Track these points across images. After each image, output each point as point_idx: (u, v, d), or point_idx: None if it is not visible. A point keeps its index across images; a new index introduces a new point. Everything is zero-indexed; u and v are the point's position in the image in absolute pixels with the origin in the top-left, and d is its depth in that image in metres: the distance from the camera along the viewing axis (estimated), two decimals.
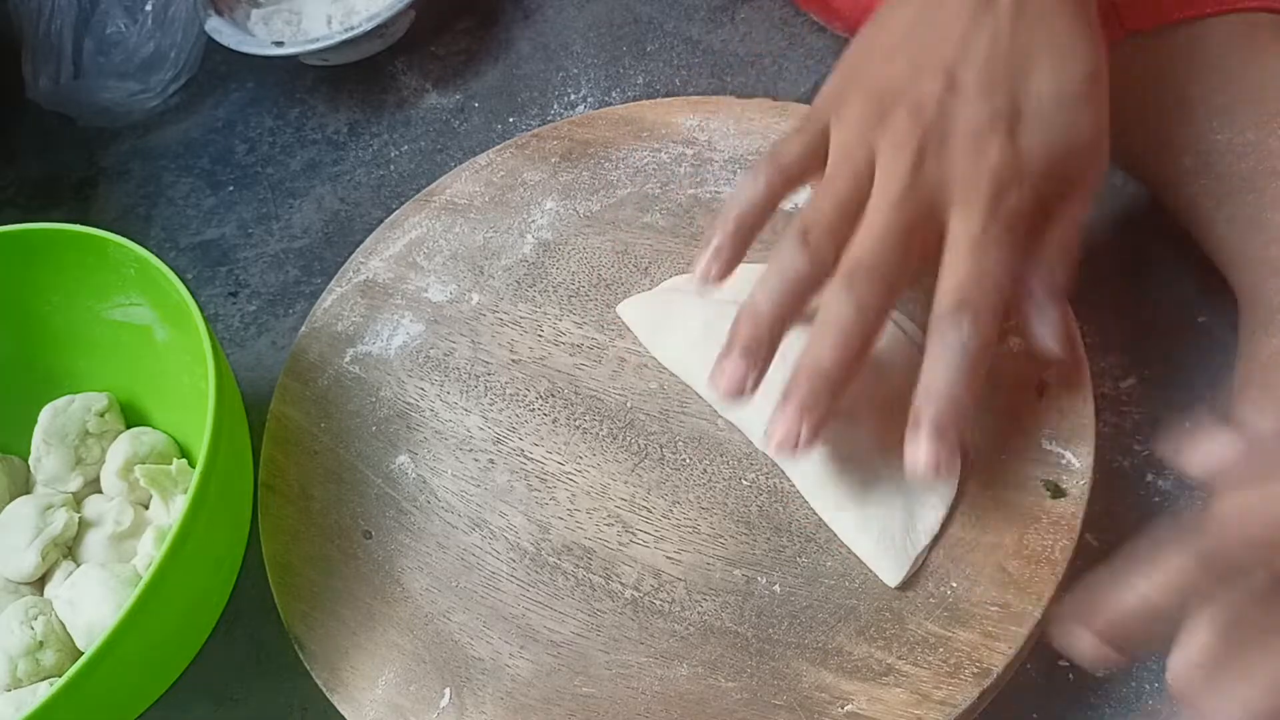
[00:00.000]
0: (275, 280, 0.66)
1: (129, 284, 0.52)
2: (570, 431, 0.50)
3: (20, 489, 0.55)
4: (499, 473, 0.50)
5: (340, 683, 0.46)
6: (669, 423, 0.49)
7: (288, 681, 0.50)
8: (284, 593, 0.48)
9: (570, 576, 0.47)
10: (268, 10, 0.72)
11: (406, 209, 0.60)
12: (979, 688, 0.40)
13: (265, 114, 0.74)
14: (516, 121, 0.69)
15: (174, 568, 0.42)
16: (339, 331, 0.56)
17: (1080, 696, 0.46)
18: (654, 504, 0.47)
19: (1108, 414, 0.51)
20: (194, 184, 0.71)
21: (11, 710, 0.47)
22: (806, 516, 0.46)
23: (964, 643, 0.41)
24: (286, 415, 0.53)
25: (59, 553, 0.52)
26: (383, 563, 0.49)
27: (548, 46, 0.72)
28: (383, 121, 0.71)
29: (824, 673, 0.42)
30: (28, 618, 0.48)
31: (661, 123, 0.59)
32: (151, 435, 0.54)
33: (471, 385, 0.53)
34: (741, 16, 0.70)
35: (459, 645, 0.46)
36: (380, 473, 0.51)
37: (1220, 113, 0.49)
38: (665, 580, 0.46)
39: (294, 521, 0.50)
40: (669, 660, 0.44)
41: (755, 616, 0.44)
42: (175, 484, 0.52)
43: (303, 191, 0.69)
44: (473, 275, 0.56)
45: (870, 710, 0.41)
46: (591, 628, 0.45)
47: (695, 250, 0.54)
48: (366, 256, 0.58)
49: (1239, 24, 0.50)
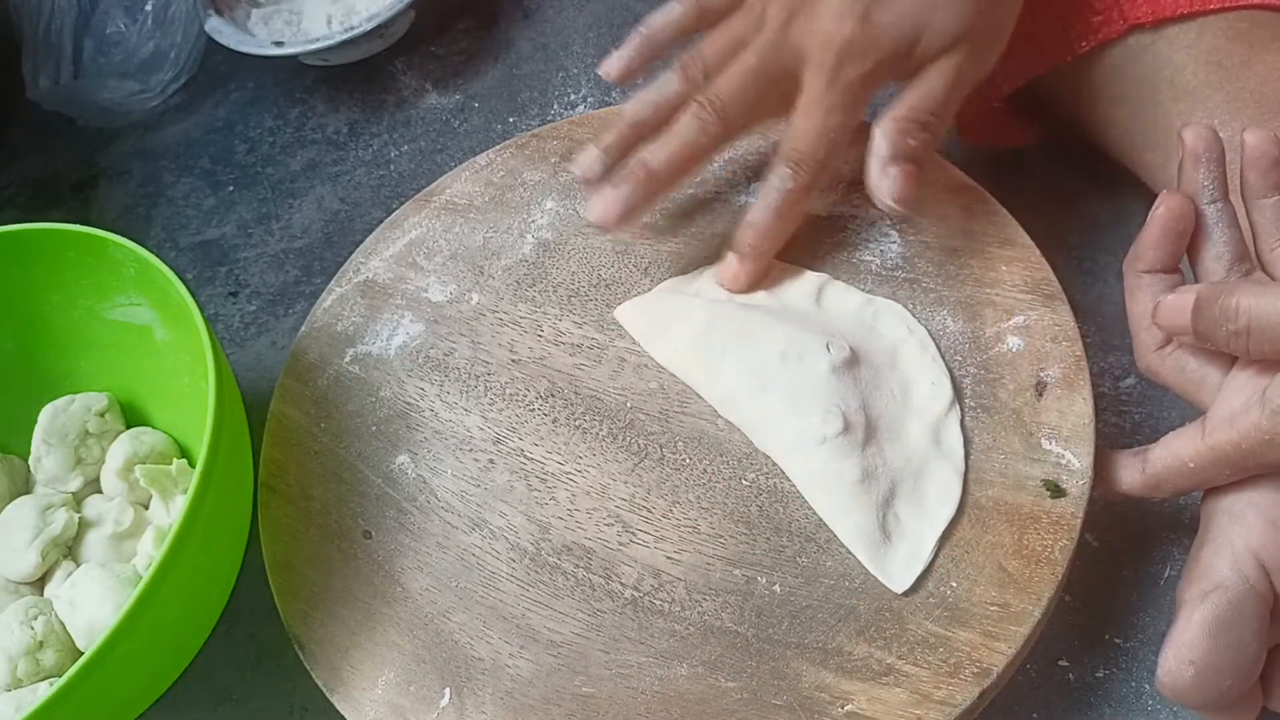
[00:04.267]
0: (275, 280, 0.66)
1: (129, 284, 0.52)
2: (570, 431, 0.50)
3: (20, 489, 0.55)
4: (499, 473, 0.50)
5: (340, 683, 0.46)
6: (669, 423, 0.49)
7: (288, 681, 0.50)
8: (284, 593, 0.48)
9: (570, 576, 0.46)
10: (268, 10, 0.72)
11: (406, 209, 0.60)
12: (979, 688, 0.40)
13: (265, 114, 0.74)
14: (517, 121, 0.69)
15: (174, 568, 0.42)
16: (339, 331, 0.56)
17: (1080, 696, 0.46)
18: (654, 504, 0.47)
19: (1108, 414, 0.51)
20: (194, 184, 0.71)
21: (11, 710, 0.47)
22: (806, 516, 0.46)
23: (964, 643, 0.41)
24: (286, 415, 0.53)
25: (59, 553, 0.52)
26: (383, 563, 0.49)
27: (548, 46, 0.72)
28: (383, 121, 0.71)
29: (824, 673, 0.42)
30: (28, 618, 0.48)
31: None
32: (151, 435, 0.54)
33: (471, 385, 0.53)
34: None
35: (459, 645, 0.46)
36: (380, 473, 0.51)
37: (1222, 109, 0.49)
38: (665, 580, 0.46)
39: (294, 521, 0.50)
40: (669, 660, 0.44)
41: (755, 616, 0.44)
42: (175, 484, 0.52)
43: (303, 191, 0.69)
44: (473, 275, 0.56)
45: (870, 710, 0.41)
46: (591, 628, 0.45)
47: (695, 250, 0.54)
48: (366, 256, 0.58)
49: (1241, 20, 0.50)
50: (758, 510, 0.46)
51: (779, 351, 0.47)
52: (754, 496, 0.47)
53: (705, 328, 0.49)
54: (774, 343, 0.48)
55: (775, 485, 0.47)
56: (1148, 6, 0.51)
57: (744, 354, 0.48)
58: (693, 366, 0.49)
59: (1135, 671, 0.46)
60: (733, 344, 0.49)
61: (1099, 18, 0.52)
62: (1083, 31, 0.53)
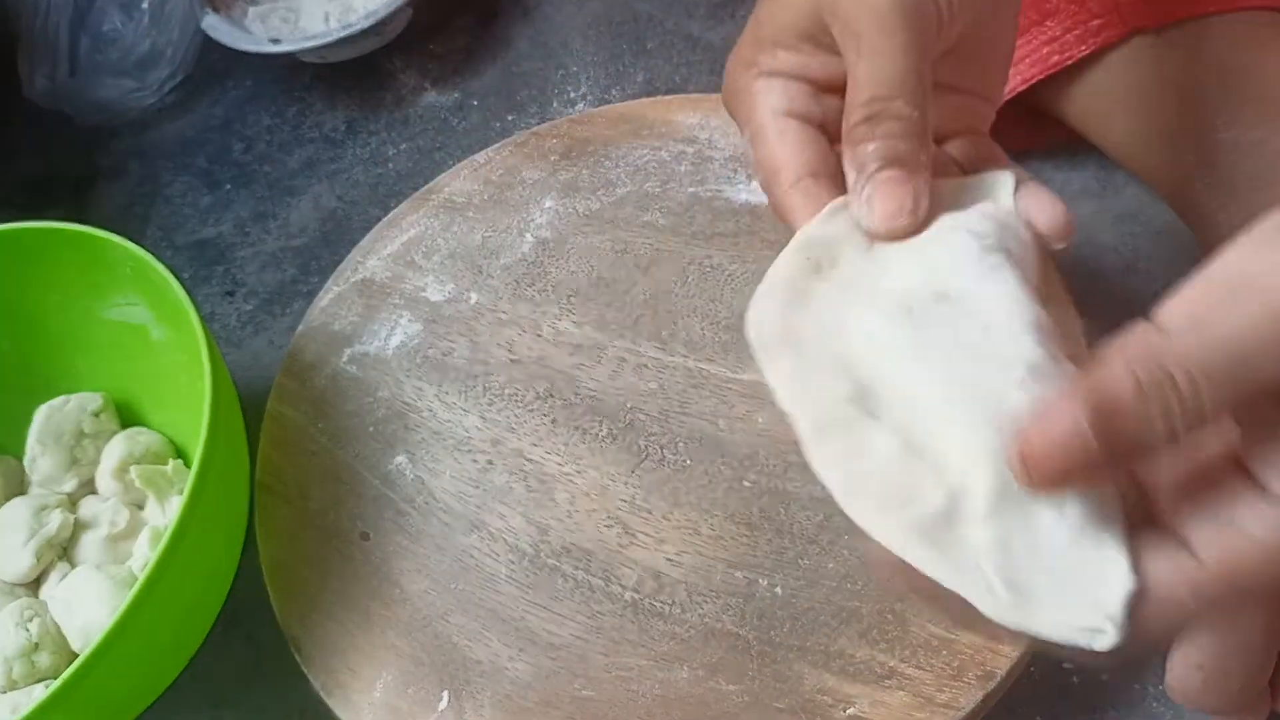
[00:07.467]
0: (272, 279, 0.65)
1: (125, 283, 0.52)
2: (569, 432, 0.50)
3: (15, 490, 0.55)
4: (497, 474, 0.49)
5: (338, 685, 0.45)
6: (669, 423, 0.49)
7: (285, 684, 0.50)
8: (281, 594, 0.48)
9: (569, 578, 0.46)
10: (265, 8, 0.72)
11: (404, 207, 0.59)
12: (982, 691, 0.40)
13: (262, 112, 0.73)
14: (515, 119, 0.69)
15: (170, 569, 0.42)
16: (336, 331, 0.56)
17: (1084, 699, 0.45)
18: (654, 505, 0.47)
19: None
20: (191, 182, 0.71)
21: (6, 713, 0.46)
22: (808, 518, 0.45)
23: (967, 645, 0.41)
24: (283, 415, 0.53)
25: (54, 554, 0.51)
26: (380, 564, 0.48)
27: (547, 44, 0.72)
28: (381, 119, 0.71)
29: (826, 675, 0.42)
30: (23, 619, 0.48)
31: (661, 121, 0.58)
32: (147, 435, 0.54)
33: (470, 385, 0.52)
34: (741, 14, 0.69)
35: (457, 648, 0.45)
36: (378, 473, 0.51)
37: (1224, 111, 0.49)
38: (666, 582, 0.45)
39: (291, 522, 0.50)
40: (669, 663, 0.43)
41: (757, 619, 0.44)
42: (171, 484, 0.52)
43: (300, 190, 0.69)
44: (471, 274, 0.56)
45: (873, 713, 0.40)
46: (591, 630, 0.45)
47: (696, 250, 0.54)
48: (364, 255, 0.58)
49: (1243, 22, 0.50)
50: (759, 512, 0.46)
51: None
52: (755, 498, 0.46)
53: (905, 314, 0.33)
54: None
55: (777, 487, 0.46)
56: (1149, 10, 0.51)
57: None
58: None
59: (1140, 675, 0.45)
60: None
61: (1099, 21, 0.52)
62: (1083, 35, 0.52)
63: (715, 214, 0.55)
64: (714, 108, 0.58)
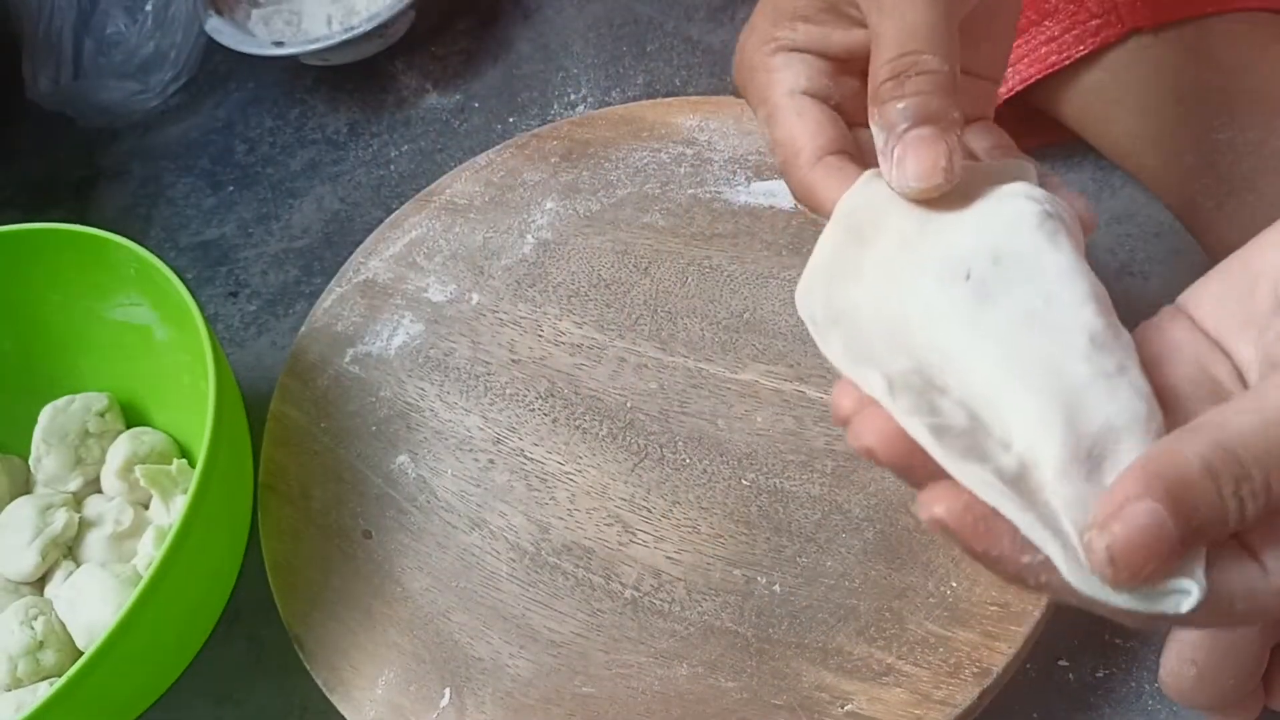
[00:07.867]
0: (275, 280, 0.66)
1: (129, 284, 0.52)
2: (570, 431, 0.50)
3: (20, 489, 0.55)
4: (499, 473, 0.50)
5: (340, 682, 0.46)
6: (669, 423, 0.49)
7: (288, 681, 0.50)
8: (284, 592, 0.48)
9: (570, 576, 0.46)
10: (268, 10, 0.72)
11: (406, 209, 0.60)
12: (979, 687, 0.40)
13: (265, 114, 0.74)
14: (516, 121, 0.69)
15: (174, 567, 0.42)
16: (339, 331, 0.56)
17: (1080, 696, 0.46)
18: (654, 504, 0.47)
19: None
20: (194, 184, 0.71)
21: (11, 710, 0.47)
22: (806, 517, 0.46)
23: (964, 642, 0.41)
24: (286, 415, 0.53)
25: (59, 553, 0.52)
26: (382, 562, 0.49)
27: (548, 46, 0.72)
28: (383, 121, 0.71)
29: (824, 672, 0.42)
30: (28, 618, 0.48)
31: (661, 123, 0.59)
32: (151, 435, 0.54)
33: (471, 385, 0.53)
34: (741, 16, 0.70)
35: (459, 645, 0.46)
36: (380, 473, 0.51)
37: (1222, 111, 0.49)
38: (665, 580, 0.46)
39: (294, 521, 0.50)
40: (669, 660, 0.44)
41: (755, 616, 0.44)
42: (175, 484, 0.52)
43: (303, 191, 0.69)
44: (473, 275, 0.56)
45: (870, 710, 0.41)
46: (591, 628, 0.45)
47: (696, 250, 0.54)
48: (366, 256, 0.58)
49: (1241, 23, 0.50)
50: (758, 510, 0.46)
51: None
52: (754, 497, 0.47)
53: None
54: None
55: (775, 485, 0.47)
56: (1147, 10, 0.51)
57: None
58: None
59: (1135, 671, 0.46)
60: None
61: (1098, 21, 0.52)
62: (1082, 35, 0.53)
63: (715, 215, 0.55)
64: (714, 110, 0.58)
